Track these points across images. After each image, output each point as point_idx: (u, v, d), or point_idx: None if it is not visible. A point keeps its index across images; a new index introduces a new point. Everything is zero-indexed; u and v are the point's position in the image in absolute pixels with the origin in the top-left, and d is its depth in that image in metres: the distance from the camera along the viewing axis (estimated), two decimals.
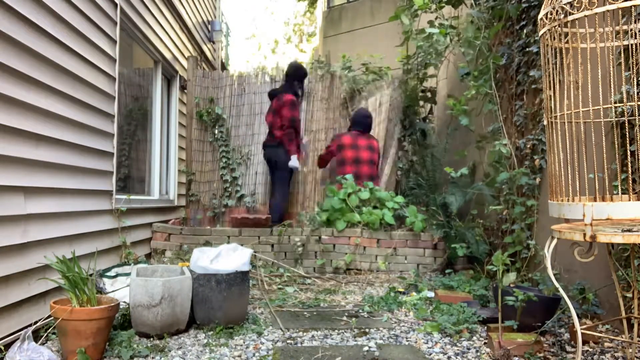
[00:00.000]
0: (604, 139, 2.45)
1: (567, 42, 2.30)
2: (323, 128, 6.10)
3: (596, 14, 2.02)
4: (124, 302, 3.03)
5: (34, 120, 2.79)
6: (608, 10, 2.00)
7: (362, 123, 5.67)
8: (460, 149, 5.47)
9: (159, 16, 5.22)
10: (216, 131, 5.98)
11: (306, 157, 5.95)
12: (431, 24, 5.43)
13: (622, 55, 2.92)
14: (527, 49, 4.18)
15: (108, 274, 3.52)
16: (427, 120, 6.52)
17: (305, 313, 3.45)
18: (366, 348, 2.73)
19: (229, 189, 5.92)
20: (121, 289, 3.27)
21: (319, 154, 5.94)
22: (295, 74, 5.67)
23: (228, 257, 3.23)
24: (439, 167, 5.75)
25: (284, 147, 5.45)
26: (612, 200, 2.30)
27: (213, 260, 3.13)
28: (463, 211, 5.04)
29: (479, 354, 2.66)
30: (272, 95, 5.67)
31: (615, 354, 2.65)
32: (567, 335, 2.96)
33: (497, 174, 4.30)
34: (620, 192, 2.33)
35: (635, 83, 2.31)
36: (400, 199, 5.22)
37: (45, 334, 2.69)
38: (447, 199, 5.05)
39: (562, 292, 2.15)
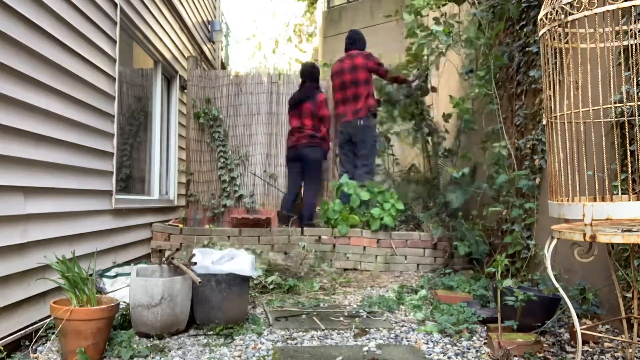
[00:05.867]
0: (604, 139, 2.45)
1: (567, 42, 2.30)
2: None
3: (596, 14, 2.02)
4: (124, 302, 3.03)
5: (34, 120, 2.79)
6: (608, 11, 2.00)
7: (347, 43, 5.90)
8: (464, 150, 5.47)
9: (159, 16, 5.22)
10: (213, 132, 5.97)
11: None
12: (436, 20, 5.41)
13: (622, 55, 2.92)
14: (527, 49, 4.18)
15: (108, 274, 3.52)
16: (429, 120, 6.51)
17: (305, 313, 3.45)
18: (366, 348, 2.73)
19: (227, 189, 5.92)
20: (121, 289, 3.27)
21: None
22: (315, 74, 5.81)
23: (230, 260, 3.25)
24: (442, 167, 5.76)
25: (324, 145, 5.64)
26: (612, 200, 2.30)
27: (214, 262, 3.14)
28: (464, 211, 5.04)
29: (479, 354, 2.66)
30: (299, 100, 5.71)
31: (615, 354, 2.65)
32: (567, 335, 2.96)
33: (497, 175, 4.30)
34: (620, 192, 2.33)
35: (635, 83, 2.31)
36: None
37: (45, 334, 2.69)
38: (447, 196, 5.05)
39: (562, 292, 2.15)
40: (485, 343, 2.83)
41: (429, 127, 6.04)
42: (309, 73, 5.77)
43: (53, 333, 2.53)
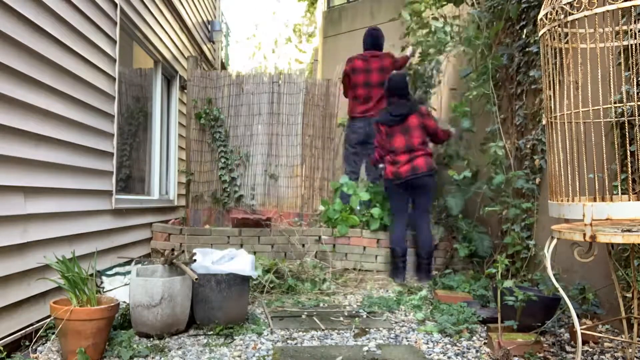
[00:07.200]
0: (603, 139, 2.45)
1: (567, 42, 2.30)
2: (320, 135, 6.08)
3: (596, 14, 2.02)
4: (123, 301, 3.04)
5: (34, 121, 2.79)
6: (608, 11, 2.00)
7: (371, 42, 5.64)
8: (464, 152, 5.46)
9: (159, 16, 5.22)
10: (214, 132, 5.97)
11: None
12: (435, 20, 5.41)
13: (622, 55, 2.92)
14: (527, 49, 4.17)
15: (108, 273, 3.53)
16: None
17: (305, 313, 3.45)
18: (366, 348, 2.73)
19: (228, 190, 5.91)
20: (119, 287, 3.28)
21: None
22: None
23: (230, 260, 3.25)
24: (441, 168, 5.75)
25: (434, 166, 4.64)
26: (612, 200, 2.30)
27: (215, 262, 3.14)
28: (464, 212, 5.04)
29: (479, 354, 2.66)
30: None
31: (615, 354, 2.65)
32: (567, 335, 2.96)
33: (496, 175, 4.30)
34: (620, 192, 2.33)
35: (635, 83, 2.31)
36: None
37: (45, 334, 2.69)
38: (448, 202, 5.04)
39: (561, 292, 2.15)
40: (485, 343, 2.83)
41: None
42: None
43: (53, 333, 2.54)
